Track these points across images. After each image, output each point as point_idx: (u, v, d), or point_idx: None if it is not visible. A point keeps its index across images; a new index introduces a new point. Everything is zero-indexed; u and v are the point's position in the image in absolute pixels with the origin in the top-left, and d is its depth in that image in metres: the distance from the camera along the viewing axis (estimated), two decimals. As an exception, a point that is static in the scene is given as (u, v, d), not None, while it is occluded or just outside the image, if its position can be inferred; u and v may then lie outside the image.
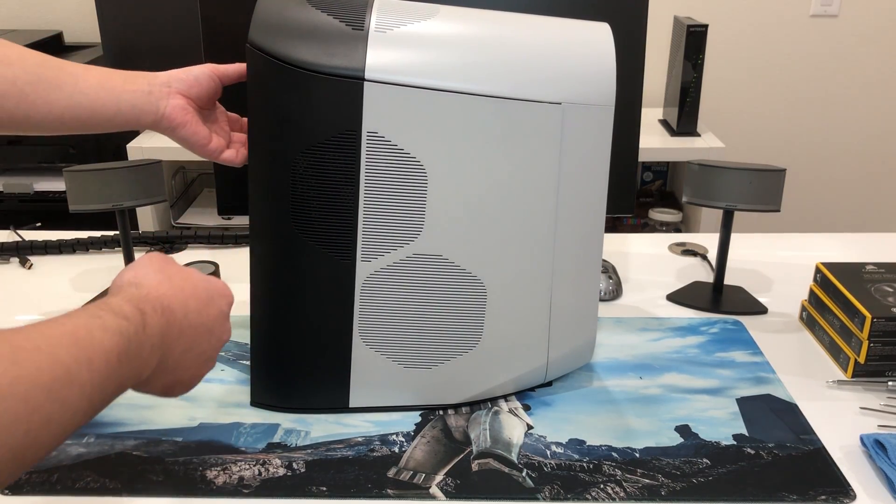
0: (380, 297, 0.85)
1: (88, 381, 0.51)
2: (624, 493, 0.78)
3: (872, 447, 0.82)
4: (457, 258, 0.84)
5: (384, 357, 0.87)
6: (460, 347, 0.87)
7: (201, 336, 0.65)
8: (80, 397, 0.50)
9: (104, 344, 0.53)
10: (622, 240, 1.38)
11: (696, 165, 1.10)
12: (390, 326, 0.86)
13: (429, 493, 0.78)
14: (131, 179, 1.07)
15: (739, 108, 2.72)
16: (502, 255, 0.85)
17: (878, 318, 0.93)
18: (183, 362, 0.64)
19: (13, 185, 2.32)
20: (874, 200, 2.85)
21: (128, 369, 0.55)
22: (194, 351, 0.65)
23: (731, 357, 1.02)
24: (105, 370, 0.52)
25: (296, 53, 0.78)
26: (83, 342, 0.51)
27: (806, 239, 1.38)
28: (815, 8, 2.60)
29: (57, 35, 2.50)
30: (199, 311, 0.65)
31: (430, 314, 0.86)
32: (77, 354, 0.50)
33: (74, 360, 0.50)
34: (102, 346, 0.52)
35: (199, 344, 0.65)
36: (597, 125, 0.83)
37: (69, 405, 0.49)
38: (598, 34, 0.84)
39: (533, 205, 0.84)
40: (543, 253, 0.86)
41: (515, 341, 0.89)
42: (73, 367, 0.50)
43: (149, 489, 0.78)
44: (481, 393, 0.90)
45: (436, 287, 0.85)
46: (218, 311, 0.68)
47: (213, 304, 0.67)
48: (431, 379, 0.88)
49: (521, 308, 0.88)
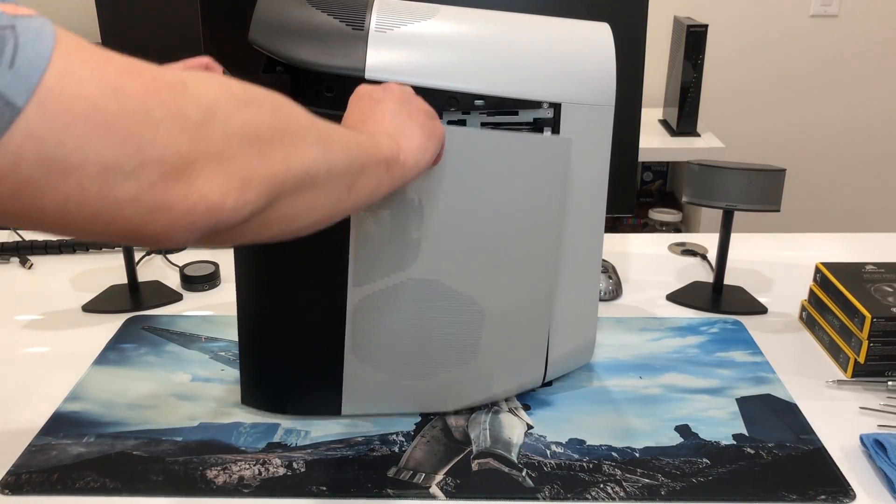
0: (372, 318, 0.83)
1: (342, 133, 0.59)
2: (624, 493, 0.78)
3: (872, 447, 0.82)
4: (454, 283, 0.82)
5: (377, 370, 0.86)
6: (457, 360, 0.86)
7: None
8: (343, 136, 0.58)
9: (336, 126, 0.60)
10: (622, 240, 1.38)
11: (696, 165, 1.10)
12: (384, 343, 0.85)
13: (429, 493, 0.78)
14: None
15: (739, 108, 2.72)
16: (502, 277, 0.83)
17: (878, 318, 0.93)
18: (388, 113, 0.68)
19: (13, 185, 2.32)
20: (874, 200, 2.85)
21: (368, 136, 0.63)
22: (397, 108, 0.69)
23: (731, 357, 1.02)
24: (348, 132, 0.60)
25: (296, 53, 0.78)
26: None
27: (806, 239, 1.38)
28: (815, 8, 2.61)
29: (57, 35, 2.51)
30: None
31: (426, 333, 0.84)
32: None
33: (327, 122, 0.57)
34: (336, 127, 0.60)
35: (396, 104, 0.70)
36: (597, 125, 0.83)
37: (339, 134, 0.58)
38: (598, 34, 0.84)
39: (535, 230, 0.82)
40: (545, 272, 0.85)
41: (515, 349, 0.88)
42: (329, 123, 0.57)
43: (149, 489, 0.78)
44: (480, 400, 0.90)
45: (431, 309, 0.83)
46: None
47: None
48: (427, 389, 0.88)
49: (520, 321, 0.87)
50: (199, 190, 0.43)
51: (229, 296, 1.18)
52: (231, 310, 1.13)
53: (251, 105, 0.48)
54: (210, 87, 0.46)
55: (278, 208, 0.50)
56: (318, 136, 0.53)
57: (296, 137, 0.51)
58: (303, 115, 0.53)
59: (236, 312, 0.86)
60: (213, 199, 0.44)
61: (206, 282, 1.19)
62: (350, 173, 0.57)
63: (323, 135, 0.54)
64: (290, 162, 0.49)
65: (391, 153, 0.63)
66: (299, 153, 0.51)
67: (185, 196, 0.43)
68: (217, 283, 1.21)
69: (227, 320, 1.10)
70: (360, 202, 0.60)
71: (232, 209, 0.45)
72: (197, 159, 0.43)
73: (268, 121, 0.48)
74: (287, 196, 0.50)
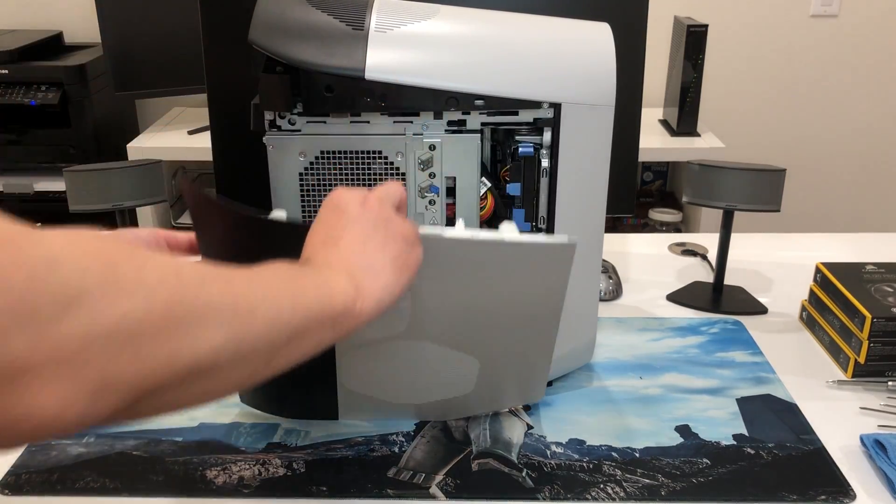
0: (361, 366, 0.81)
1: (283, 286, 0.53)
2: (624, 493, 0.78)
3: (872, 447, 0.82)
4: (446, 343, 0.79)
5: (371, 396, 0.85)
6: (454, 391, 0.85)
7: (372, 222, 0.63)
8: (281, 296, 0.51)
9: (281, 268, 0.55)
10: (622, 240, 1.38)
11: (696, 165, 1.10)
12: (374, 380, 0.83)
13: (429, 493, 0.78)
14: (131, 179, 1.07)
15: (739, 108, 2.72)
16: (497, 342, 0.80)
17: (878, 318, 0.93)
18: (355, 244, 0.61)
19: (13, 185, 2.32)
20: (874, 200, 2.85)
21: (319, 283, 0.56)
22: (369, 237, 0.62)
23: (731, 357, 1.02)
24: (293, 282, 0.54)
25: (296, 53, 0.78)
26: (260, 268, 0.53)
27: (806, 239, 1.38)
28: (815, 8, 2.60)
29: (57, 35, 2.51)
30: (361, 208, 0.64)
31: (417, 373, 0.82)
32: (263, 272, 0.52)
33: (263, 272, 0.52)
34: (282, 269, 0.55)
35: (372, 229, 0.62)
36: (597, 125, 0.83)
37: (272, 299, 0.50)
38: (598, 34, 0.84)
39: (535, 318, 0.78)
40: (547, 337, 0.81)
41: (516, 377, 0.86)
42: (265, 274, 0.52)
43: (149, 489, 0.78)
44: (482, 412, 0.89)
45: (422, 358, 0.80)
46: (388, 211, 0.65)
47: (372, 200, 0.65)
48: (425, 406, 0.87)
49: (520, 362, 0.84)
50: (30, 401, 0.35)
51: (229, 296, 1.17)
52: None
53: (139, 291, 0.40)
54: (91, 268, 0.38)
55: (153, 402, 0.42)
56: (234, 315, 0.46)
57: (197, 323, 0.43)
58: (219, 293, 0.45)
59: None
60: (49, 412, 0.36)
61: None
62: (273, 347, 0.50)
63: (242, 313, 0.46)
64: (177, 355, 0.41)
65: (345, 305, 0.56)
66: (195, 342, 0.43)
67: (10, 407, 0.35)
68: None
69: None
70: (289, 365, 0.53)
71: (76, 421, 0.37)
72: (35, 365, 0.35)
73: (158, 308, 0.40)
74: (167, 390, 0.42)
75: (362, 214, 0.62)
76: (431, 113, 0.83)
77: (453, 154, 0.85)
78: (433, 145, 0.84)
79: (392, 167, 0.85)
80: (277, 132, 0.84)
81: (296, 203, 0.86)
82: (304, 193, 0.86)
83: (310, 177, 0.85)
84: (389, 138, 0.84)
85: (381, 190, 0.66)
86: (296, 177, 0.85)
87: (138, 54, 2.20)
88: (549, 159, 0.85)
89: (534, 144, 0.85)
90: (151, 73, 2.23)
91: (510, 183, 0.86)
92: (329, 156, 0.84)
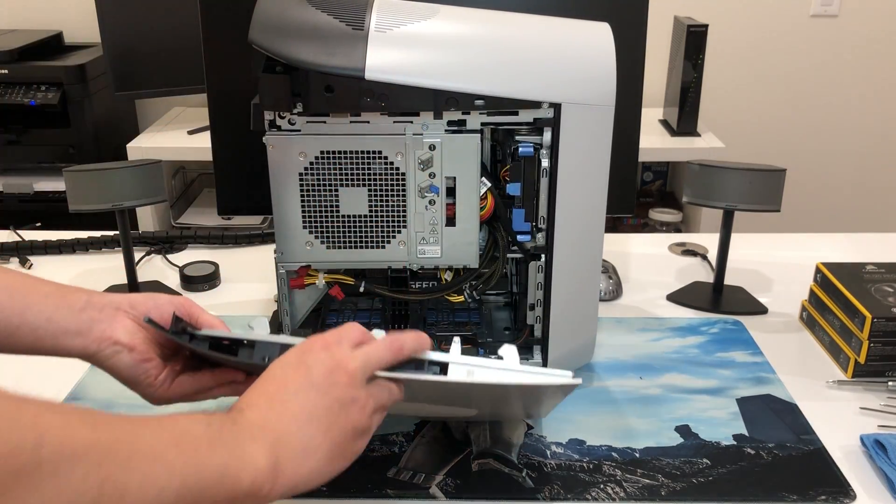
0: None
1: (177, 460, 0.50)
2: (624, 493, 0.78)
3: (872, 447, 0.82)
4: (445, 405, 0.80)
5: None
6: (457, 414, 0.85)
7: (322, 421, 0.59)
8: (169, 475, 0.49)
9: (192, 429, 0.52)
10: (622, 240, 1.38)
11: (696, 165, 1.10)
12: None
13: (429, 493, 0.78)
14: (131, 179, 1.07)
15: (739, 108, 2.72)
16: (500, 413, 0.83)
17: (878, 318, 0.93)
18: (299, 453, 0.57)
19: (13, 185, 2.32)
20: (874, 200, 2.85)
21: (227, 457, 0.53)
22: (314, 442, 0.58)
23: (731, 357, 1.02)
24: (194, 454, 0.51)
25: (296, 53, 0.78)
26: (167, 425, 0.51)
27: (806, 239, 1.38)
28: (815, 8, 2.61)
29: (57, 35, 2.51)
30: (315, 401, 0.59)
31: (418, 406, 0.81)
32: (162, 435, 0.50)
33: (158, 441, 0.50)
34: (191, 432, 0.52)
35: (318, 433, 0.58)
36: (597, 125, 0.83)
37: (152, 480, 0.48)
38: (598, 34, 0.84)
39: (539, 402, 0.80)
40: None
41: (517, 415, 0.87)
42: (158, 446, 0.50)
43: (149, 489, 0.78)
44: (481, 420, 0.89)
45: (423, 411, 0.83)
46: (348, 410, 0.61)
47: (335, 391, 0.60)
48: (426, 415, 0.87)
49: (520, 414, 0.85)
50: None
51: (229, 296, 1.18)
52: (231, 310, 1.13)
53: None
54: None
55: None
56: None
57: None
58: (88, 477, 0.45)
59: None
60: None
61: (206, 282, 1.19)
62: None
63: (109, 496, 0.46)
64: None
65: (252, 484, 0.53)
66: None
67: None
68: (217, 283, 1.21)
69: (227, 320, 1.10)
70: None
71: None
72: None
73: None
74: None
75: (323, 386, 0.59)
76: (431, 113, 0.83)
77: (453, 154, 0.85)
78: (433, 145, 0.84)
79: (392, 167, 0.85)
80: (277, 132, 0.84)
81: (296, 203, 0.86)
82: (304, 193, 0.86)
83: (310, 177, 0.85)
84: (389, 138, 0.84)
85: (363, 358, 0.62)
86: (296, 177, 0.85)
87: (138, 54, 2.20)
88: (549, 159, 0.85)
89: (534, 144, 0.85)
90: (151, 73, 2.23)
91: (510, 183, 0.86)
92: (329, 156, 0.84)
